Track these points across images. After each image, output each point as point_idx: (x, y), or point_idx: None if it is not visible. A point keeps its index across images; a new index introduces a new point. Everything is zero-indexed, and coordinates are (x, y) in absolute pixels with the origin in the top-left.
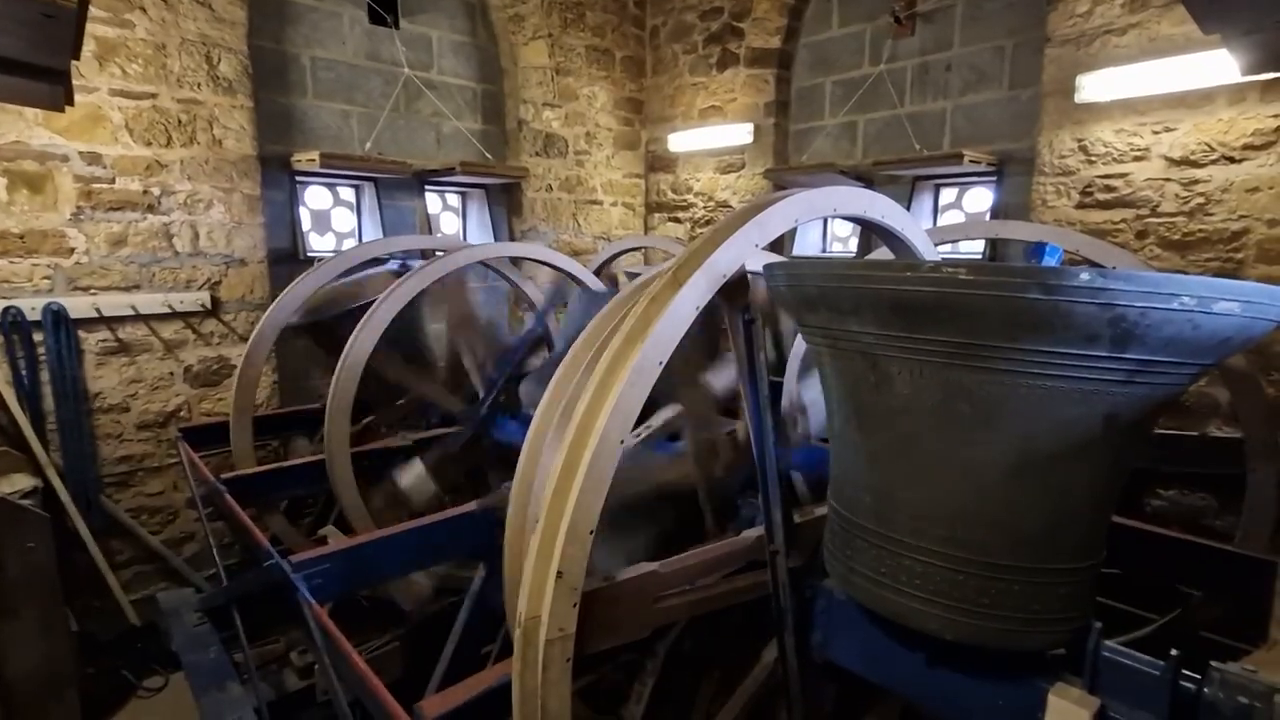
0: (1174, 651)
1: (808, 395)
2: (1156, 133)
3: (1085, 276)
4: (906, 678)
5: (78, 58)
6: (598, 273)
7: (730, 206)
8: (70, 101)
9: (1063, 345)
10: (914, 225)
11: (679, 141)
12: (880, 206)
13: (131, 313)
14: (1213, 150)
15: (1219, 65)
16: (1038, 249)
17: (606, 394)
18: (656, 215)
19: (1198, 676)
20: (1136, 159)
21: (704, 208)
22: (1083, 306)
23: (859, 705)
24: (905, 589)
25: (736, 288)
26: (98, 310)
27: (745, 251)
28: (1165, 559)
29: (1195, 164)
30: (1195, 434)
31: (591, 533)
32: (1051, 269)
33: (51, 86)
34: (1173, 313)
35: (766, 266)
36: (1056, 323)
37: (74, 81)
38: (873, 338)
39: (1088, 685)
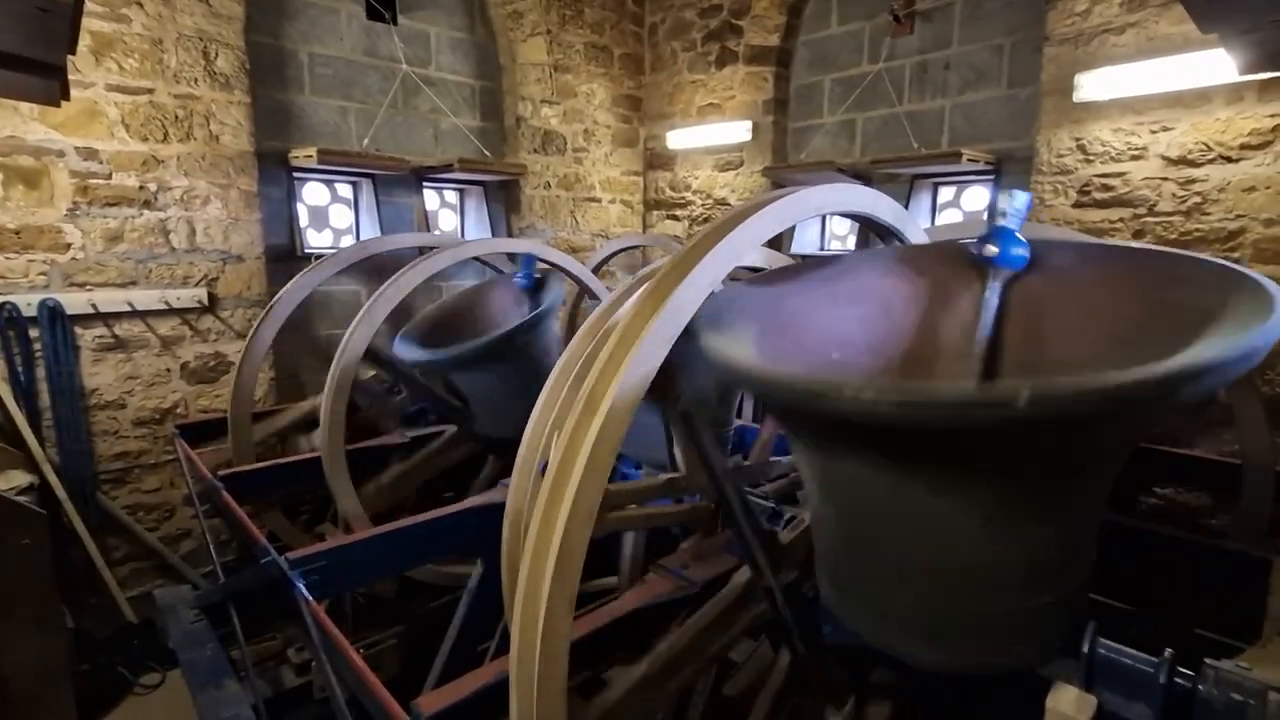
0: (1169, 649)
1: None
2: (1154, 132)
3: (1027, 394)
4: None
5: (74, 52)
6: (596, 270)
7: (728, 204)
8: (66, 96)
9: (1011, 448)
10: (913, 224)
11: (677, 139)
12: (883, 205)
13: (128, 309)
14: (1210, 150)
15: (1216, 65)
16: (1004, 194)
17: (601, 398)
18: (655, 213)
19: (1192, 674)
20: (1134, 158)
21: (702, 205)
22: (1028, 423)
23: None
24: (894, 628)
25: (664, 384)
26: (94, 306)
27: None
28: (1161, 557)
29: (1192, 163)
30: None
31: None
32: (985, 397)
33: (47, 81)
34: (1131, 411)
35: (704, 346)
36: (1002, 437)
37: (70, 76)
38: (811, 438)
39: (1084, 682)
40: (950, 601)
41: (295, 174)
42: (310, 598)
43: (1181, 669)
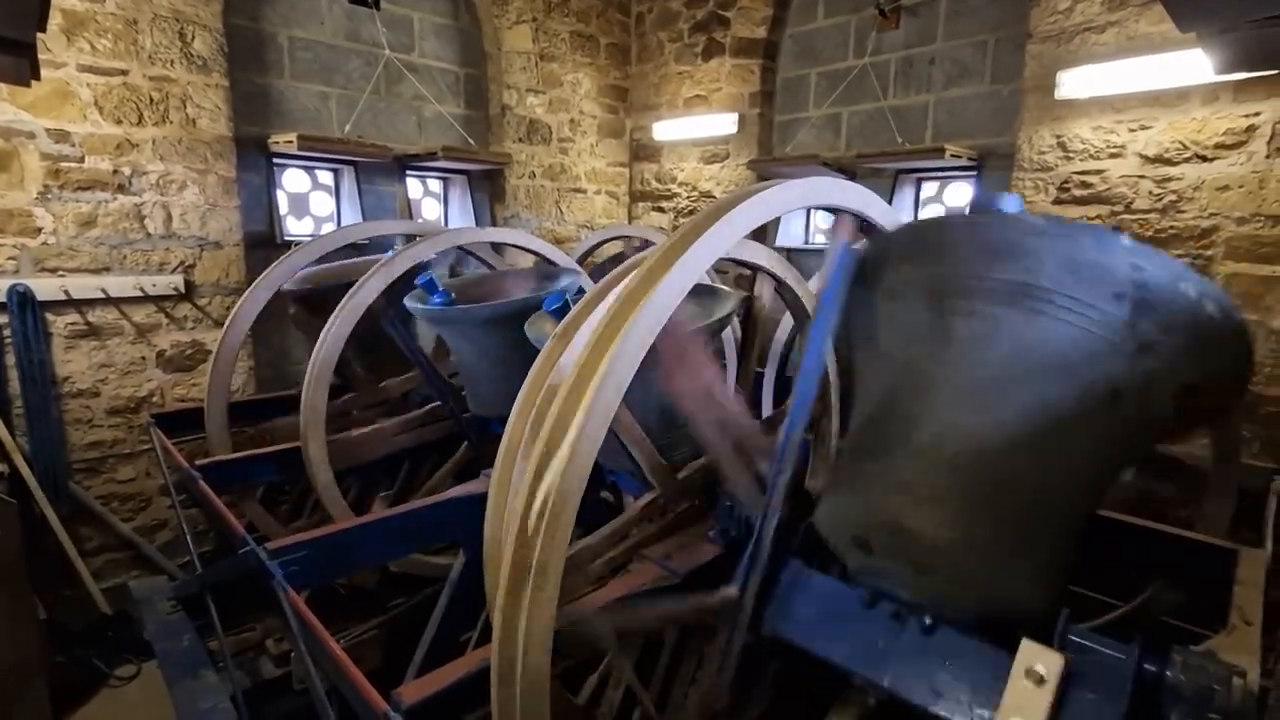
0: (1138, 636)
1: None
2: (1133, 130)
3: (1126, 241)
4: (861, 653)
5: (44, 30)
6: (581, 261)
7: (714, 196)
8: (36, 76)
9: (1097, 298)
10: (897, 220)
11: (663, 130)
12: (866, 201)
13: (101, 295)
14: (1186, 149)
15: (1194, 64)
16: (989, 200)
17: (581, 397)
18: (640, 204)
19: (1160, 659)
20: (1113, 156)
21: (688, 198)
22: (1121, 264)
23: (798, 703)
24: (911, 494)
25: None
26: (66, 292)
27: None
28: (1131, 546)
29: (1169, 162)
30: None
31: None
32: (1103, 229)
33: (17, 60)
34: (1178, 294)
35: (863, 235)
36: (1099, 271)
37: (40, 56)
38: (944, 281)
39: None
40: (976, 479)
41: (275, 160)
42: (289, 588)
43: (1151, 655)
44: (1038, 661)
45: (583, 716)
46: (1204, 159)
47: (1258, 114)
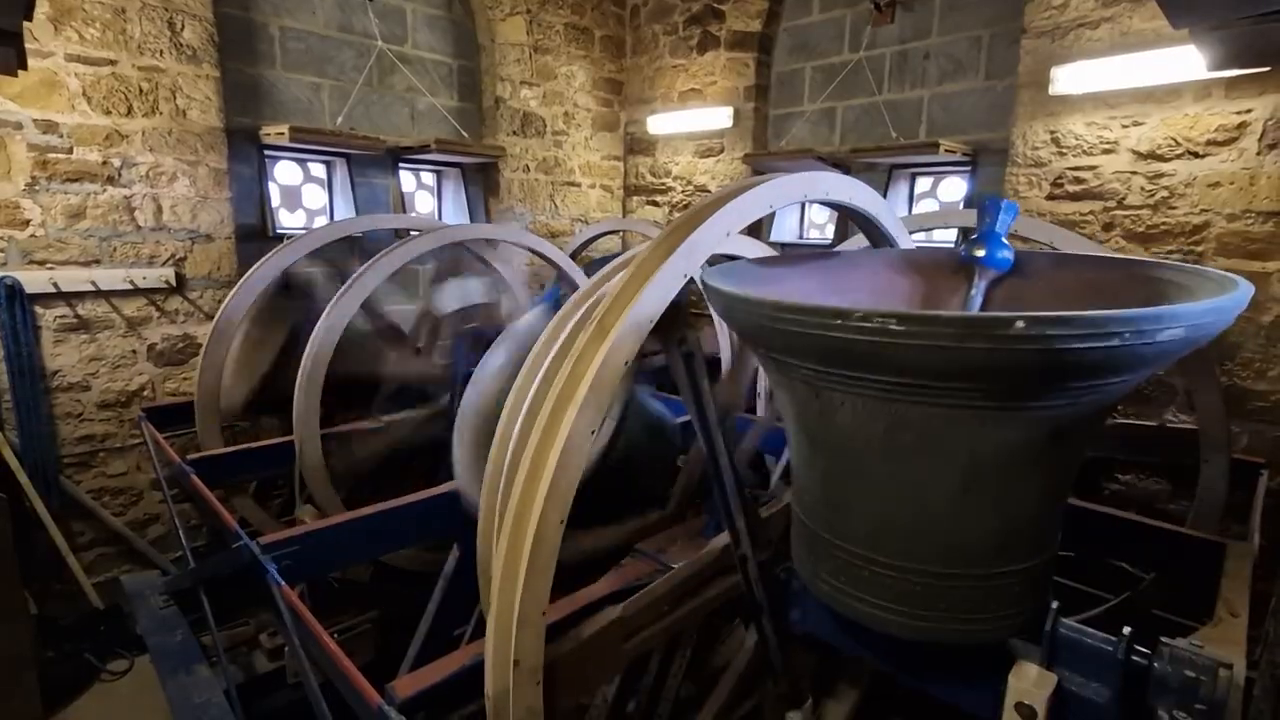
0: (1126, 629)
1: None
2: (1125, 126)
3: (1020, 325)
4: (877, 649)
5: (30, 18)
6: (575, 255)
7: (709, 191)
8: (23, 65)
9: (1003, 384)
10: (889, 213)
11: (658, 124)
12: (861, 194)
13: (91, 288)
14: (1178, 145)
15: (1187, 61)
16: (992, 203)
17: (574, 391)
18: (635, 198)
19: (1148, 652)
20: (1106, 152)
21: (682, 192)
22: (1021, 353)
23: (836, 669)
24: (865, 596)
25: (672, 320)
26: (55, 285)
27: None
28: (1121, 541)
29: (1161, 158)
30: (1154, 424)
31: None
32: (983, 318)
33: (3, 49)
34: (1113, 349)
35: (703, 281)
36: (994, 370)
37: (27, 45)
38: (811, 372)
39: (1046, 660)
40: (923, 569)
41: (266, 152)
42: (282, 582)
43: (1138, 647)
44: (1030, 682)
45: (577, 711)
46: (1196, 155)
47: (1249, 111)
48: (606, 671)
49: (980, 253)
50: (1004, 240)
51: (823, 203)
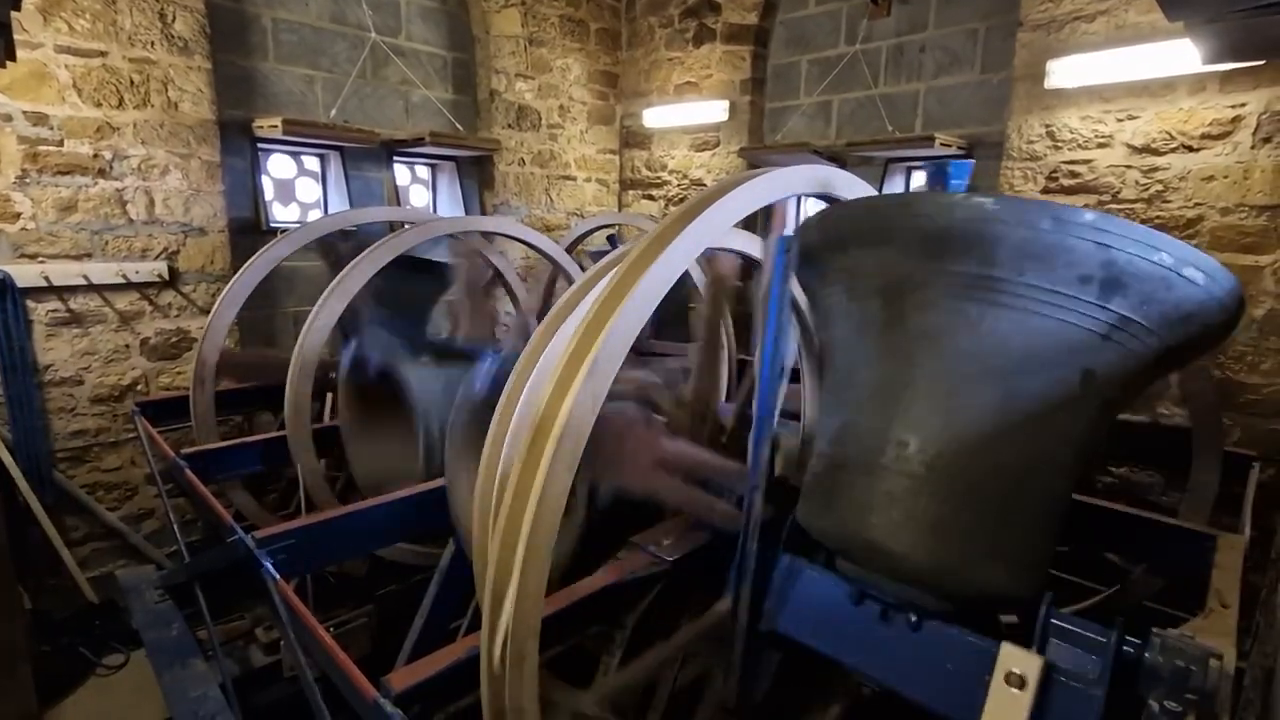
0: (1119, 619)
1: None
2: (1120, 120)
3: (1089, 216)
4: (855, 648)
5: (18, 9)
6: (570, 249)
7: (705, 185)
8: (12, 57)
9: (1061, 283)
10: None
11: (654, 117)
12: (857, 189)
13: (83, 282)
14: (1172, 139)
15: (1182, 55)
16: (938, 170)
17: (571, 381)
18: (630, 192)
19: (1139, 642)
20: (1100, 145)
21: (678, 185)
22: (1084, 244)
23: (799, 689)
24: (886, 515)
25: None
26: (47, 279)
27: (715, 234)
28: (1113, 533)
29: (1155, 152)
30: (1146, 421)
31: (559, 512)
32: (1063, 206)
33: None
34: (1154, 266)
35: (804, 221)
36: (1060, 255)
37: (15, 36)
38: (894, 272)
39: (1038, 650)
40: (951, 484)
41: (260, 145)
42: (278, 576)
43: (1130, 637)
44: (1016, 665)
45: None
46: (1190, 149)
47: (1244, 105)
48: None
49: None
50: None
51: (817, 197)
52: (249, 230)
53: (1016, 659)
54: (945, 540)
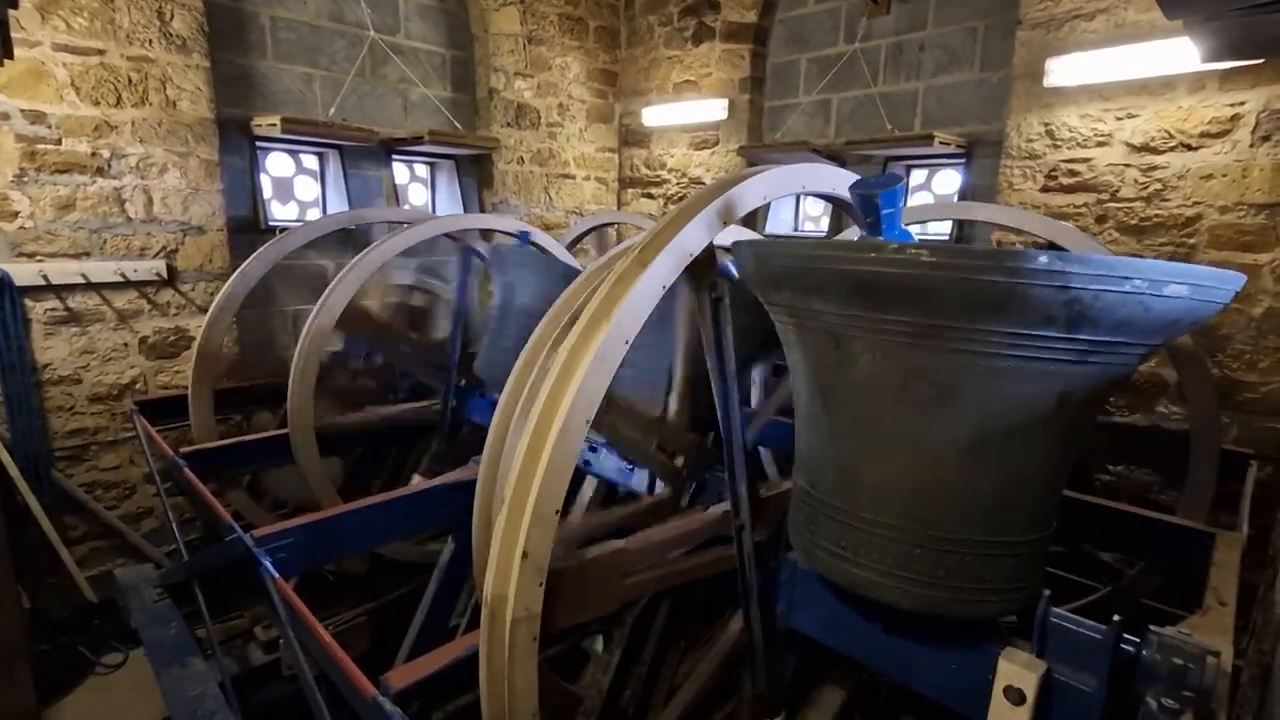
0: (1116, 616)
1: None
2: (1119, 119)
3: (1043, 260)
4: (864, 644)
5: (16, 7)
6: (570, 248)
7: (704, 183)
8: (9, 55)
9: (1020, 326)
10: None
11: (653, 116)
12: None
13: (82, 281)
14: (1171, 138)
15: (1181, 53)
16: (865, 201)
17: (570, 377)
18: (629, 191)
19: (1137, 640)
20: (1100, 144)
21: (677, 184)
22: (1040, 289)
23: (818, 672)
24: (865, 562)
25: (704, 266)
26: (45, 278)
27: (713, 230)
28: (1111, 531)
29: (1154, 150)
30: (1145, 424)
31: (556, 513)
32: (1011, 251)
33: None
34: (1125, 295)
35: (734, 244)
36: (1014, 304)
37: (13, 34)
38: (835, 317)
39: (1036, 649)
40: (926, 530)
41: (258, 143)
42: (277, 575)
43: (1128, 635)
44: (1015, 680)
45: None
46: (1189, 148)
47: (1243, 103)
48: (604, 601)
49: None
50: (904, 228)
51: (818, 195)
52: (247, 229)
53: (1014, 674)
54: (930, 587)
